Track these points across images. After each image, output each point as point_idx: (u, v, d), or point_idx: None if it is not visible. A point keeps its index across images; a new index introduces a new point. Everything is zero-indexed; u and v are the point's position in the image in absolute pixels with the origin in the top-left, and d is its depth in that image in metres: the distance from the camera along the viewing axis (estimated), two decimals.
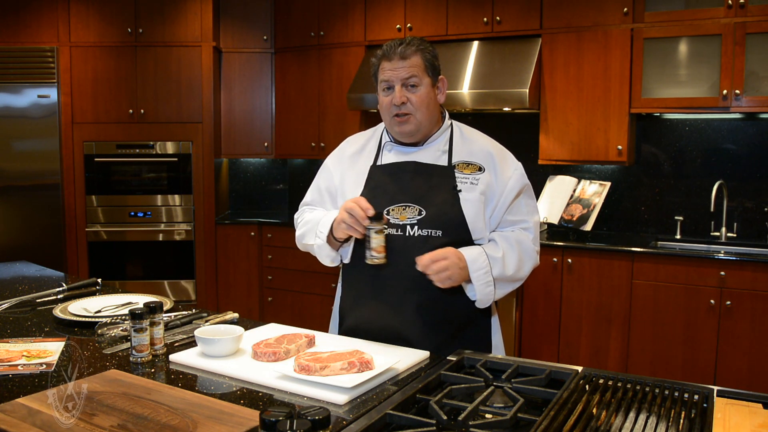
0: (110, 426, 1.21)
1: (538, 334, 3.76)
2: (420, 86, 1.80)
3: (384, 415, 1.21)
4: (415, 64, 1.79)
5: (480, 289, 1.75)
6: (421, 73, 1.80)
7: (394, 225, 1.79)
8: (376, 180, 1.86)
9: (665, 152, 3.97)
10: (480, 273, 1.73)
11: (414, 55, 1.79)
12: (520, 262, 1.81)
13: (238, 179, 5.33)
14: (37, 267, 2.83)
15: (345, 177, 1.93)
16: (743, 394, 1.34)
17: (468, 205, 1.79)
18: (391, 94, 1.81)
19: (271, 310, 4.73)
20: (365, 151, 1.95)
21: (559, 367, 1.45)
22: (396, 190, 1.82)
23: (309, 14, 4.72)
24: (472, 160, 1.85)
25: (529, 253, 1.84)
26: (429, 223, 1.78)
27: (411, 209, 1.79)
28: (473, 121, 4.50)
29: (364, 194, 1.84)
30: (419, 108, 1.80)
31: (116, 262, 4.76)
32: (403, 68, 1.79)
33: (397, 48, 1.80)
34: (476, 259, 1.74)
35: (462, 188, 1.80)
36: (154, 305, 1.65)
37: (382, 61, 1.83)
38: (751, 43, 3.39)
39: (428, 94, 1.82)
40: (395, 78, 1.80)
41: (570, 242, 3.69)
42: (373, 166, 1.89)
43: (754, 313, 3.22)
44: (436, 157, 1.85)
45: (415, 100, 1.79)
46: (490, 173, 1.83)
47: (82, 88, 4.63)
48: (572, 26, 3.83)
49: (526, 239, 1.85)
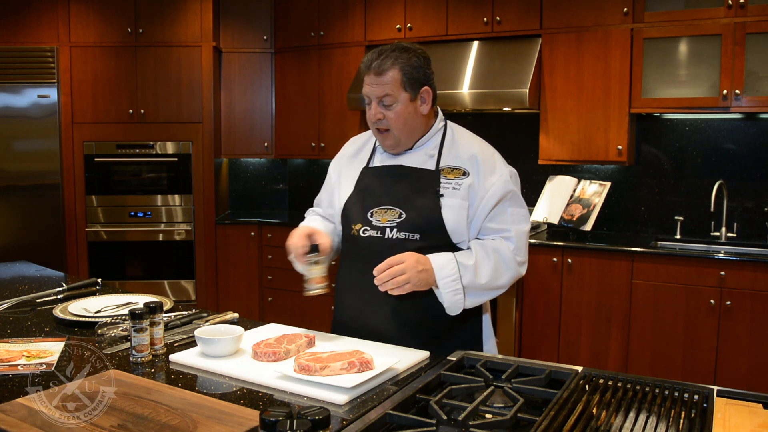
0: (110, 426, 1.21)
1: (538, 334, 3.76)
2: (396, 103, 1.77)
3: (384, 415, 1.21)
4: (390, 80, 1.75)
5: (447, 297, 1.72)
6: (397, 89, 1.76)
7: (375, 227, 1.81)
8: (365, 182, 1.89)
9: (665, 152, 3.97)
10: (447, 280, 1.71)
11: (391, 70, 1.75)
12: (495, 271, 1.76)
13: (238, 179, 5.33)
14: (37, 267, 2.82)
15: (341, 177, 1.97)
16: (743, 394, 1.34)
17: (448, 211, 1.77)
18: (371, 109, 1.81)
19: (271, 310, 4.73)
20: (361, 153, 1.98)
21: (559, 367, 1.45)
22: (381, 192, 1.84)
23: (309, 14, 4.72)
24: (457, 165, 1.82)
25: (507, 263, 1.79)
26: (407, 227, 1.78)
27: (392, 212, 1.80)
28: (473, 121, 4.50)
29: (353, 195, 1.88)
30: (395, 125, 1.79)
31: (116, 262, 4.76)
32: (377, 85, 1.77)
33: (373, 62, 1.77)
34: (444, 266, 1.71)
35: (444, 193, 1.79)
36: (154, 305, 1.65)
37: (363, 73, 1.82)
38: (751, 43, 3.39)
39: (405, 110, 1.78)
40: (372, 94, 1.79)
41: (570, 242, 3.68)
42: (365, 168, 1.92)
43: (754, 313, 3.22)
44: (423, 161, 1.85)
45: (391, 116, 1.78)
46: (473, 177, 1.80)
47: (82, 88, 4.63)
48: (572, 26, 3.83)
49: (505, 249, 1.79)
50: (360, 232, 1.83)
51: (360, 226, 1.83)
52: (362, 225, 1.83)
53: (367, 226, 1.82)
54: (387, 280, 1.63)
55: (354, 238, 1.85)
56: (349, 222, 1.87)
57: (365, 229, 1.82)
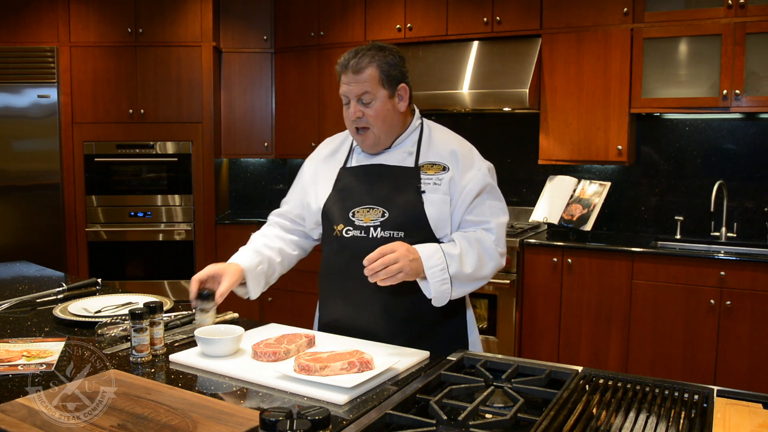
0: (110, 426, 1.21)
1: (538, 334, 3.76)
2: (374, 101, 1.79)
3: (384, 415, 1.21)
4: (368, 78, 1.77)
5: (435, 287, 1.72)
6: (375, 87, 1.78)
7: (358, 227, 1.81)
8: (343, 182, 1.89)
9: (665, 152, 3.97)
10: (435, 270, 1.70)
11: (368, 68, 1.77)
12: (479, 261, 1.78)
13: (238, 179, 5.33)
14: (37, 267, 2.82)
15: (318, 177, 1.96)
16: (743, 394, 1.34)
17: (431, 206, 1.79)
18: (349, 108, 1.82)
19: (271, 310, 4.73)
20: (338, 154, 1.98)
21: (559, 367, 1.45)
22: (361, 192, 1.84)
23: (309, 14, 4.72)
24: (437, 161, 1.85)
25: (489, 253, 1.81)
26: (391, 225, 1.79)
27: (375, 211, 1.81)
28: (473, 121, 4.50)
29: (332, 196, 1.88)
30: (375, 123, 1.80)
31: (116, 262, 4.76)
32: (355, 83, 1.78)
33: (350, 61, 1.79)
34: (432, 256, 1.71)
35: (426, 189, 1.81)
36: (154, 305, 1.65)
37: (340, 73, 1.83)
38: (751, 43, 3.39)
39: (384, 107, 1.80)
40: (350, 93, 1.80)
41: (570, 242, 3.68)
42: (342, 169, 1.92)
43: (754, 313, 3.22)
44: (402, 159, 1.87)
45: (371, 113, 1.79)
46: (453, 171, 1.83)
47: (82, 88, 4.63)
48: (572, 26, 3.83)
49: (487, 239, 1.81)
50: (343, 233, 1.83)
51: (342, 227, 1.83)
52: (345, 225, 1.83)
53: (349, 227, 1.82)
54: (379, 269, 1.61)
55: (337, 239, 1.85)
56: (330, 223, 1.87)
57: (348, 230, 1.82)
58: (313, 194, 1.94)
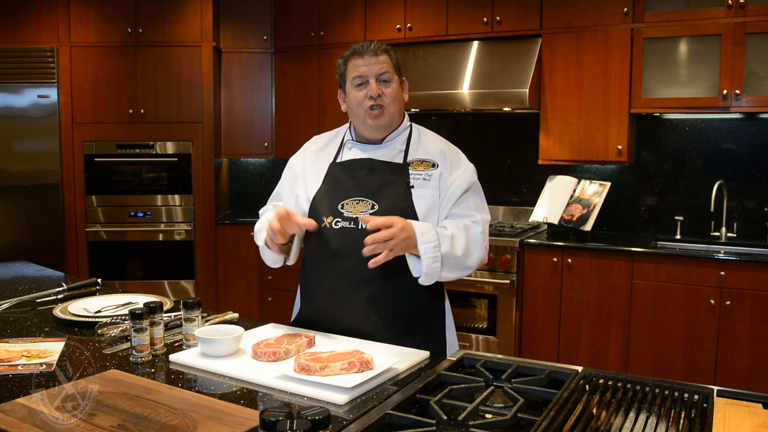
0: (110, 426, 1.21)
1: (538, 334, 3.76)
2: (392, 81, 1.90)
3: (384, 415, 1.21)
4: (386, 60, 1.90)
5: (427, 264, 1.74)
6: (392, 70, 1.91)
7: (347, 218, 1.84)
8: (333, 176, 1.93)
9: (665, 152, 3.97)
10: (428, 246, 1.74)
11: (384, 54, 1.90)
12: (468, 246, 1.82)
13: (238, 179, 5.33)
14: (37, 267, 2.82)
15: (306, 171, 2.00)
16: (743, 394, 1.34)
17: (420, 201, 1.85)
18: (365, 89, 1.88)
19: (271, 310, 4.73)
20: (328, 149, 2.02)
21: (559, 367, 1.45)
22: (351, 185, 1.88)
23: (309, 14, 4.72)
24: (426, 158, 1.93)
25: (477, 240, 1.85)
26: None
27: (364, 203, 1.85)
28: (473, 121, 4.50)
29: (321, 189, 1.91)
30: (392, 102, 1.90)
31: (116, 262, 4.76)
32: (376, 64, 1.88)
33: (369, 46, 1.90)
34: (426, 232, 1.75)
35: (415, 184, 1.87)
36: (154, 305, 1.65)
37: (352, 58, 1.91)
38: (751, 43, 3.39)
39: (397, 89, 1.92)
40: (369, 73, 1.88)
41: (570, 242, 3.68)
42: (332, 163, 1.96)
43: (754, 313, 3.22)
44: (392, 155, 1.93)
45: (389, 93, 1.89)
46: (442, 168, 1.91)
47: (82, 88, 4.63)
48: (572, 26, 3.83)
49: (475, 228, 1.87)
50: (332, 224, 1.84)
51: (332, 219, 1.85)
52: (334, 217, 1.85)
53: (338, 218, 1.84)
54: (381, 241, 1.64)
55: (324, 231, 1.86)
56: (318, 216, 1.88)
57: (337, 221, 1.84)
58: (303, 188, 1.97)
